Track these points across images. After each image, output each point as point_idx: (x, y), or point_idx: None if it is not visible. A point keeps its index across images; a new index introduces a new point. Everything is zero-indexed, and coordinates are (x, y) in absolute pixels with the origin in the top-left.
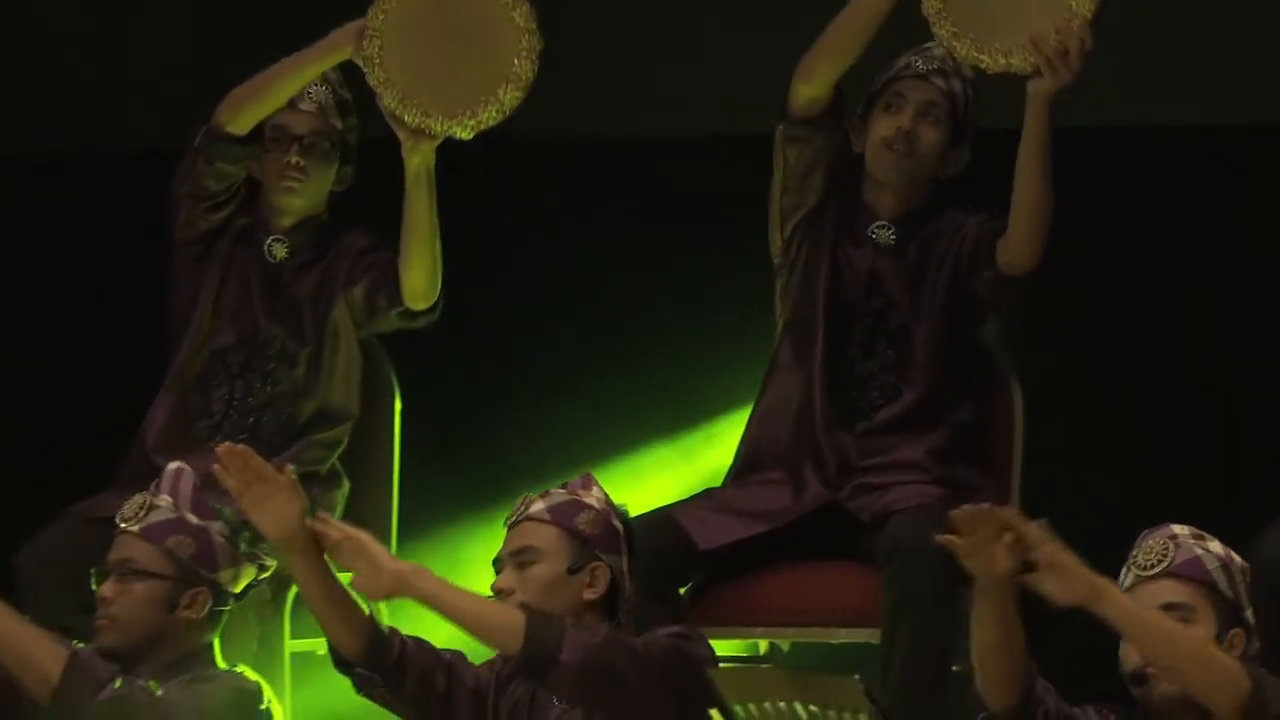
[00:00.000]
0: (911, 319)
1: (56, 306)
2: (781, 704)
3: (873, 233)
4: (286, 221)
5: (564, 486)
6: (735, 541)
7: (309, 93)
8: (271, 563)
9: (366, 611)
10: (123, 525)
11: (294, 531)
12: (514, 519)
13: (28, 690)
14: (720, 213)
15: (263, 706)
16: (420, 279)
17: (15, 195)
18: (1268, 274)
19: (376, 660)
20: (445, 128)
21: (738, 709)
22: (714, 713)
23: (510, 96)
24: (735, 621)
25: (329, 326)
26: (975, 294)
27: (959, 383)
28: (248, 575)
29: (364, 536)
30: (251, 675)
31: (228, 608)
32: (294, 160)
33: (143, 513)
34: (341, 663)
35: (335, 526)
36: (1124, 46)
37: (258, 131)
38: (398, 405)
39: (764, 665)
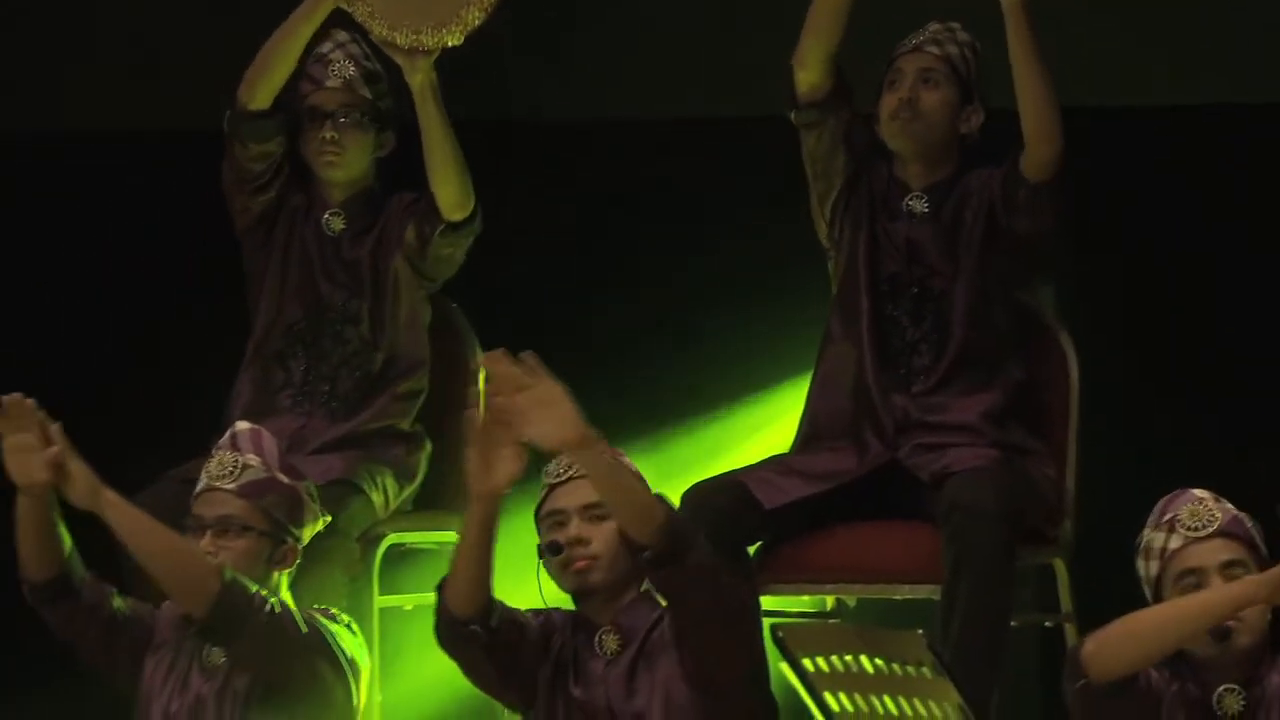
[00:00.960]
0: (952, 283)
1: (158, 281)
2: (849, 657)
3: (908, 204)
4: (339, 195)
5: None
6: (799, 501)
7: (334, 69)
8: (327, 518)
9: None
10: (215, 483)
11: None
12: (565, 476)
13: (182, 601)
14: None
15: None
16: (451, 188)
17: (114, 170)
18: None
19: (483, 620)
20: (437, 40)
21: (806, 662)
22: (784, 667)
23: None
24: (803, 579)
25: (388, 280)
26: (1015, 237)
27: (1008, 343)
28: (311, 534)
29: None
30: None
31: (298, 563)
32: (329, 135)
33: (236, 471)
34: (451, 621)
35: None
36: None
37: (281, 105)
38: (481, 375)
39: (831, 621)
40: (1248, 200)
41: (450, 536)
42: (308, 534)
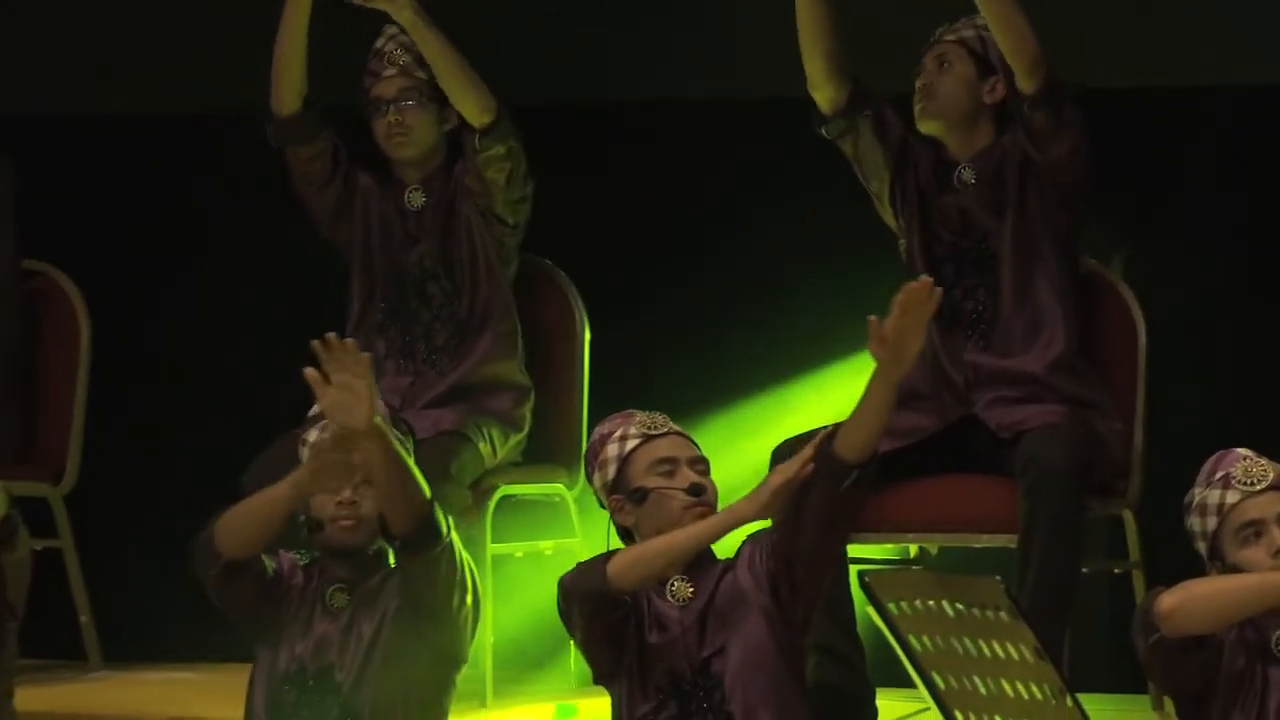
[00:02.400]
0: (1005, 243)
1: (277, 258)
2: (931, 603)
3: (959, 177)
4: (415, 174)
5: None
6: (883, 455)
7: (389, 59)
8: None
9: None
10: None
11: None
12: (663, 430)
13: (399, 518)
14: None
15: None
16: (469, 99)
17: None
18: None
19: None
20: None
21: (891, 606)
22: (871, 611)
23: None
24: (888, 529)
25: (460, 230)
26: (1046, 170)
27: (1066, 296)
28: None
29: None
30: None
31: None
32: (393, 120)
33: None
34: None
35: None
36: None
37: (313, 102)
38: (587, 335)
39: (915, 568)
40: None
41: (558, 488)
42: None
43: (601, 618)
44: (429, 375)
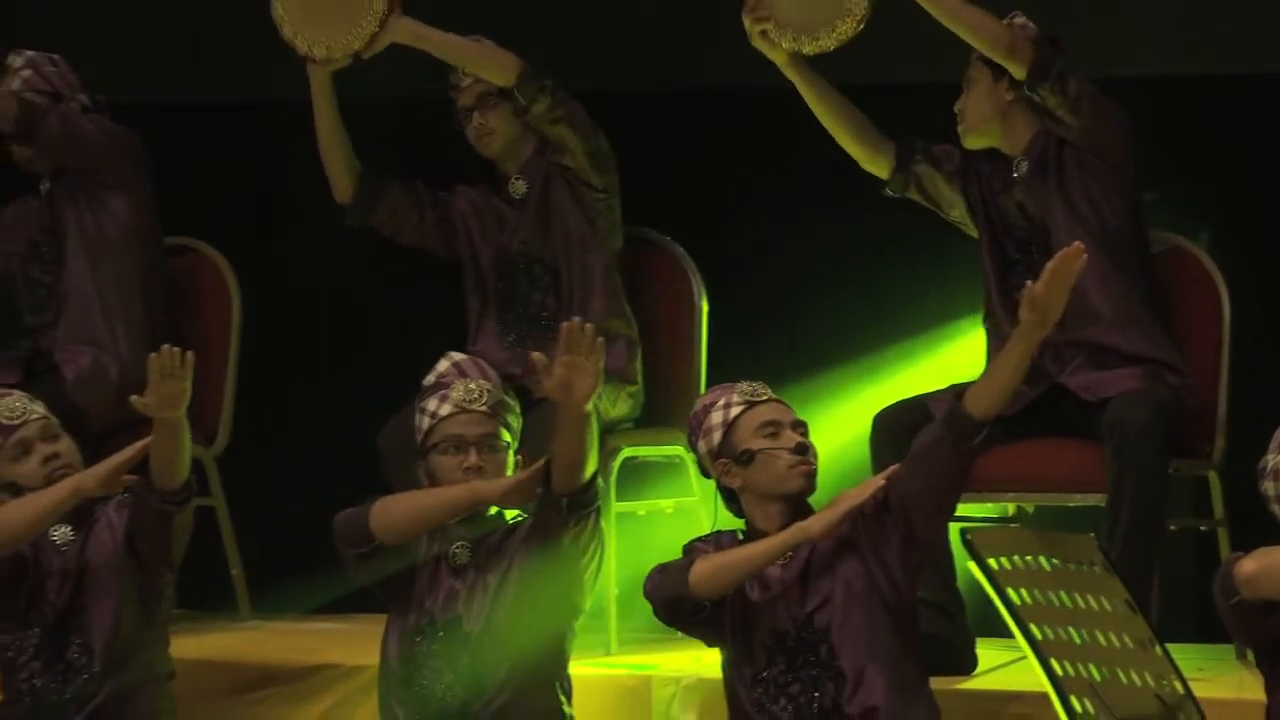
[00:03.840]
0: (1057, 220)
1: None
2: (1029, 558)
3: (1015, 173)
4: (513, 165)
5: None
6: None
7: (463, 69)
8: None
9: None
10: (469, 406)
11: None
12: (765, 396)
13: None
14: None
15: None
16: (488, 71)
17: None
18: None
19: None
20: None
21: (992, 562)
22: (972, 565)
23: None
24: (988, 489)
25: (550, 207)
26: (1078, 143)
27: (1128, 266)
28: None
29: None
30: None
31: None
32: (476, 125)
33: (484, 397)
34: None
35: None
36: None
37: (365, 173)
38: (705, 306)
39: (1013, 525)
40: None
41: (678, 450)
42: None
43: (683, 621)
44: (544, 342)
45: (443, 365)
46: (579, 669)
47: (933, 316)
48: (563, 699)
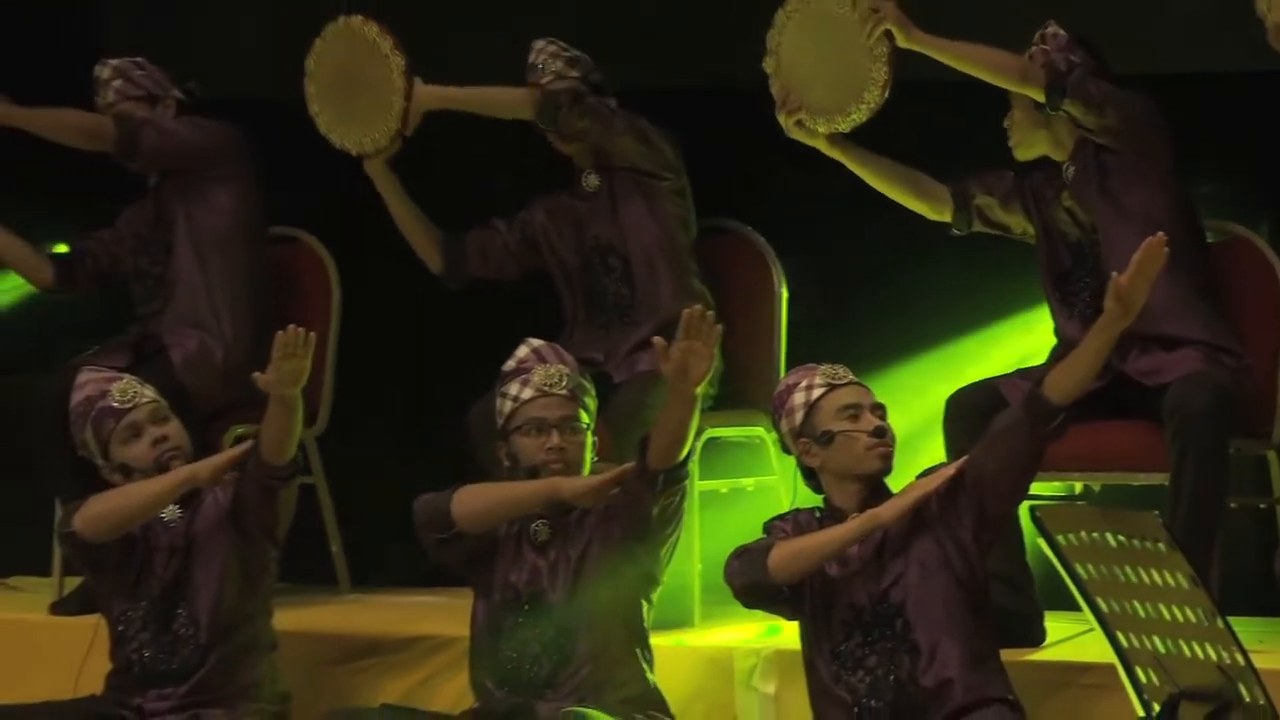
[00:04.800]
0: (1106, 220)
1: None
2: (1095, 535)
3: (1065, 177)
4: (587, 159)
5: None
6: None
7: (542, 67)
8: None
9: None
10: (550, 389)
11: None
12: (845, 380)
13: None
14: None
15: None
16: (518, 115)
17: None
18: None
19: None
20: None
21: (1060, 538)
22: (1041, 542)
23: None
24: (1055, 468)
25: (626, 199)
26: (1120, 147)
27: (1179, 259)
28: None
29: None
30: None
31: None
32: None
33: (564, 381)
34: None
35: None
36: None
37: (449, 239)
38: (784, 292)
39: (1080, 503)
40: None
41: (759, 430)
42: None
43: (763, 604)
44: (624, 328)
45: (522, 351)
46: (663, 640)
47: (1004, 305)
48: (645, 668)
